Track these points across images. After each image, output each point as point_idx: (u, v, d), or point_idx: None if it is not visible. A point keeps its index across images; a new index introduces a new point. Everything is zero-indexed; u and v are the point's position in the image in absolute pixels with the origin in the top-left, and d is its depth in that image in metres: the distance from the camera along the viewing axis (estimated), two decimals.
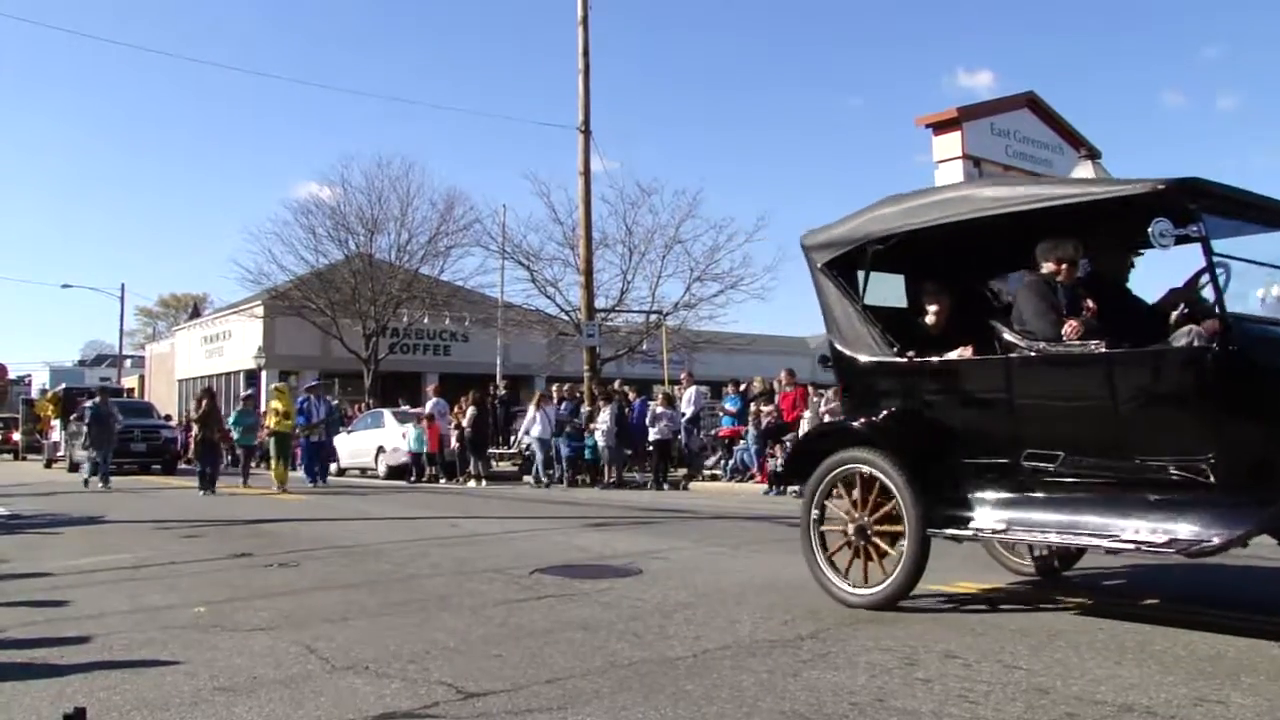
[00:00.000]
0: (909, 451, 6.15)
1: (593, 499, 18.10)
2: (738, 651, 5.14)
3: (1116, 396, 5.49)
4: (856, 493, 6.33)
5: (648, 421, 21.44)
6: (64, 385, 42.91)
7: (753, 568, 8.26)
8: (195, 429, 20.45)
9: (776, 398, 20.63)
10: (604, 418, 21.85)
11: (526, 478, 24.75)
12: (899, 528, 6.05)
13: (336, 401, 28.44)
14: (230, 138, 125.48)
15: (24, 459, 46.06)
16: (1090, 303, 5.94)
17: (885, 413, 6.47)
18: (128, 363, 70.11)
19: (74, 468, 30.43)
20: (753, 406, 20.90)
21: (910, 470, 6.03)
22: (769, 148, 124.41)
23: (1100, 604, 6.36)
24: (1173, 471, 5.21)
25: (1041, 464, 5.70)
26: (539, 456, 22.75)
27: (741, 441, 21.12)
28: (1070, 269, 6.04)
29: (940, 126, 22.99)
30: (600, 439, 21.95)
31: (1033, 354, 5.84)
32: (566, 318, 32.58)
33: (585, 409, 24.08)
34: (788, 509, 14.72)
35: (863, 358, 6.72)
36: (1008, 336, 6.02)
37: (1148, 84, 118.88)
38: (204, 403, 20.93)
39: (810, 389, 21.01)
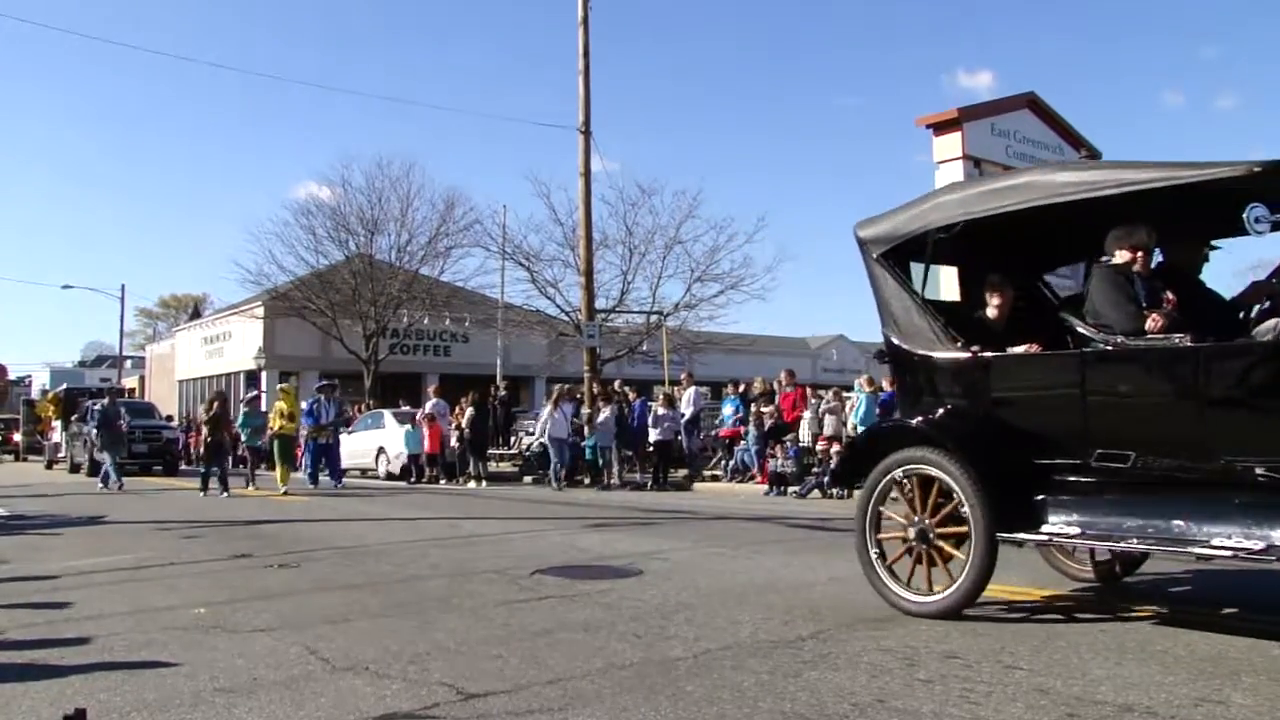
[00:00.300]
0: (974, 451, 5.82)
1: (593, 500, 18.10)
2: (738, 652, 5.14)
3: (1202, 393, 5.20)
4: (917, 495, 6.05)
5: (649, 422, 21.44)
6: (65, 386, 42.93)
7: (753, 568, 8.26)
8: (205, 430, 20.02)
9: (777, 398, 20.64)
10: (604, 418, 21.85)
11: (527, 478, 24.76)
12: (963, 530, 5.76)
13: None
14: (231, 138, 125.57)
15: (25, 460, 46.03)
16: (1170, 294, 5.73)
17: (948, 410, 6.20)
18: (128, 363, 70.15)
19: (75, 468, 30.46)
20: (753, 407, 20.92)
21: (976, 470, 5.71)
22: (768, 148, 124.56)
23: (1099, 605, 6.36)
24: (1261, 473, 4.97)
25: (1115, 464, 5.44)
26: (555, 458, 21.99)
27: (742, 442, 21.13)
28: (1145, 257, 5.79)
29: (940, 127, 23.00)
30: (581, 440, 21.99)
31: (1110, 348, 5.57)
32: (567, 318, 32.56)
33: (585, 410, 24.08)
34: (788, 510, 14.75)
35: (922, 352, 6.43)
36: (1081, 329, 5.76)
37: (1147, 84, 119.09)
38: (215, 405, 20.51)
39: (810, 389, 21.03)
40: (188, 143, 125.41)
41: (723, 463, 21.94)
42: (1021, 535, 5.69)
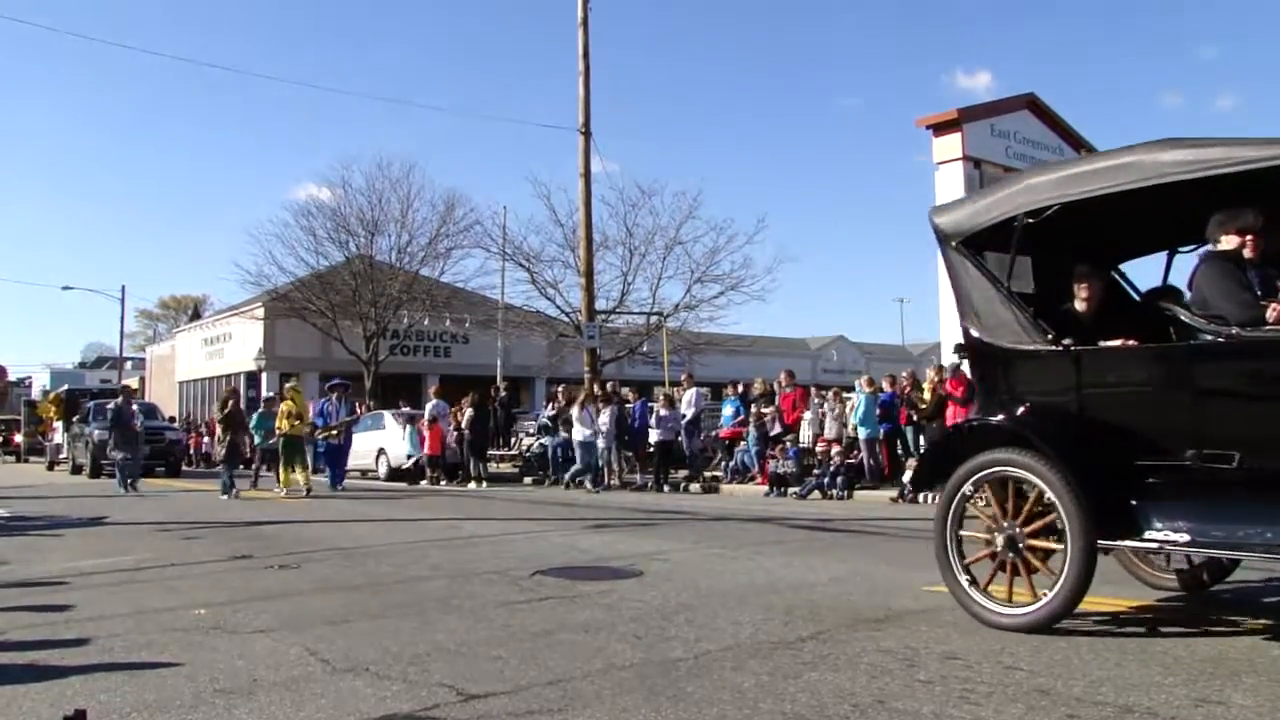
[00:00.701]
0: (1067, 451, 5.42)
1: (593, 501, 18.11)
2: (739, 653, 5.14)
3: None
4: (1004, 499, 5.66)
5: (651, 423, 21.44)
6: (66, 387, 42.92)
7: (754, 569, 8.25)
8: (219, 431, 19.75)
9: (777, 399, 20.65)
10: (604, 419, 21.85)
11: (527, 479, 24.76)
12: (1057, 537, 5.39)
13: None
14: (232, 139, 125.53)
15: (26, 461, 46.04)
16: None
17: (1036, 408, 5.81)
18: (128, 364, 70.13)
19: (77, 469, 30.37)
20: (753, 408, 20.92)
21: (1070, 472, 5.31)
22: (768, 149, 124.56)
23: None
24: None
25: (1222, 465, 5.05)
26: (582, 459, 21.60)
27: (742, 443, 21.12)
28: (1255, 242, 5.40)
29: (940, 128, 23.05)
30: (600, 440, 21.93)
31: (1223, 340, 5.21)
32: (567, 319, 32.58)
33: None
34: (788, 510, 14.75)
35: (1007, 346, 6.01)
36: (1188, 320, 5.45)
37: (1146, 84, 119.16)
38: (230, 404, 20.24)
39: (813, 390, 21.04)
40: (187, 144, 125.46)
41: (723, 464, 21.92)
42: (1124, 542, 5.41)
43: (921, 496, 15.96)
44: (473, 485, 22.87)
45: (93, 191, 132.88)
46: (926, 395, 17.99)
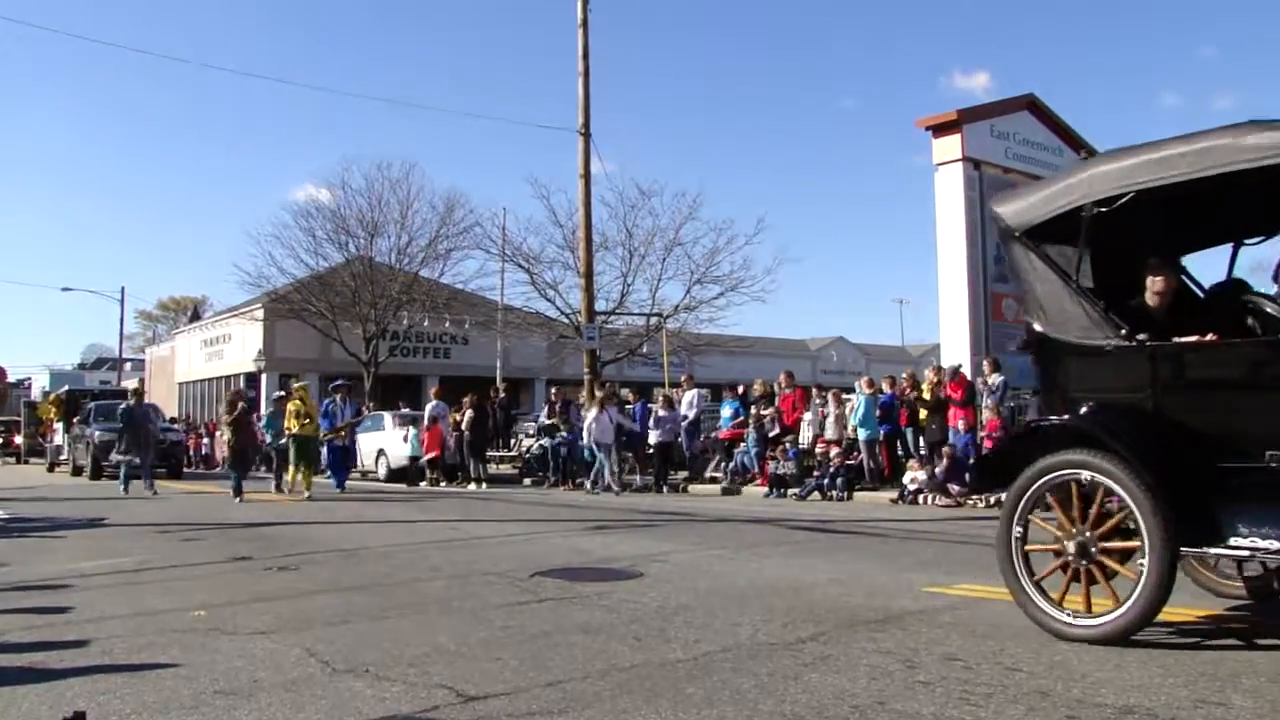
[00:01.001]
0: (1144, 452, 5.14)
1: (592, 502, 18.10)
2: (738, 654, 5.14)
3: None
4: (1075, 504, 5.36)
5: (650, 424, 21.42)
6: (67, 388, 42.83)
7: (753, 571, 8.26)
8: (228, 433, 19.32)
9: (777, 400, 20.65)
10: (588, 421, 21.83)
11: (526, 480, 24.76)
12: (1133, 544, 5.12)
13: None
14: (231, 140, 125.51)
15: (27, 462, 45.98)
16: None
17: (1109, 408, 5.50)
18: (127, 366, 70.12)
19: (77, 471, 30.16)
20: (753, 409, 20.92)
21: (1148, 475, 5.04)
22: (768, 150, 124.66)
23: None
24: None
25: None
26: (603, 463, 21.25)
27: (742, 444, 21.12)
28: None
29: (940, 129, 23.06)
30: (586, 439, 21.95)
31: None
32: (566, 320, 32.61)
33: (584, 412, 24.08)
34: (787, 512, 14.75)
35: (1076, 342, 5.73)
36: (1275, 313, 5.29)
37: (1145, 84, 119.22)
38: (238, 406, 19.72)
39: (814, 391, 21.03)
40: (187, 144, 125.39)
41: (722, 465, 21.92)
42: (1215, 551, 5.16)
43: (921, 498, 15.98)
44: (472, 486, 22.86)
45: (92, 192, 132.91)
46: (926, 397, 17.98)
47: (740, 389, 22.26)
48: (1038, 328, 5.98)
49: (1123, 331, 5.48)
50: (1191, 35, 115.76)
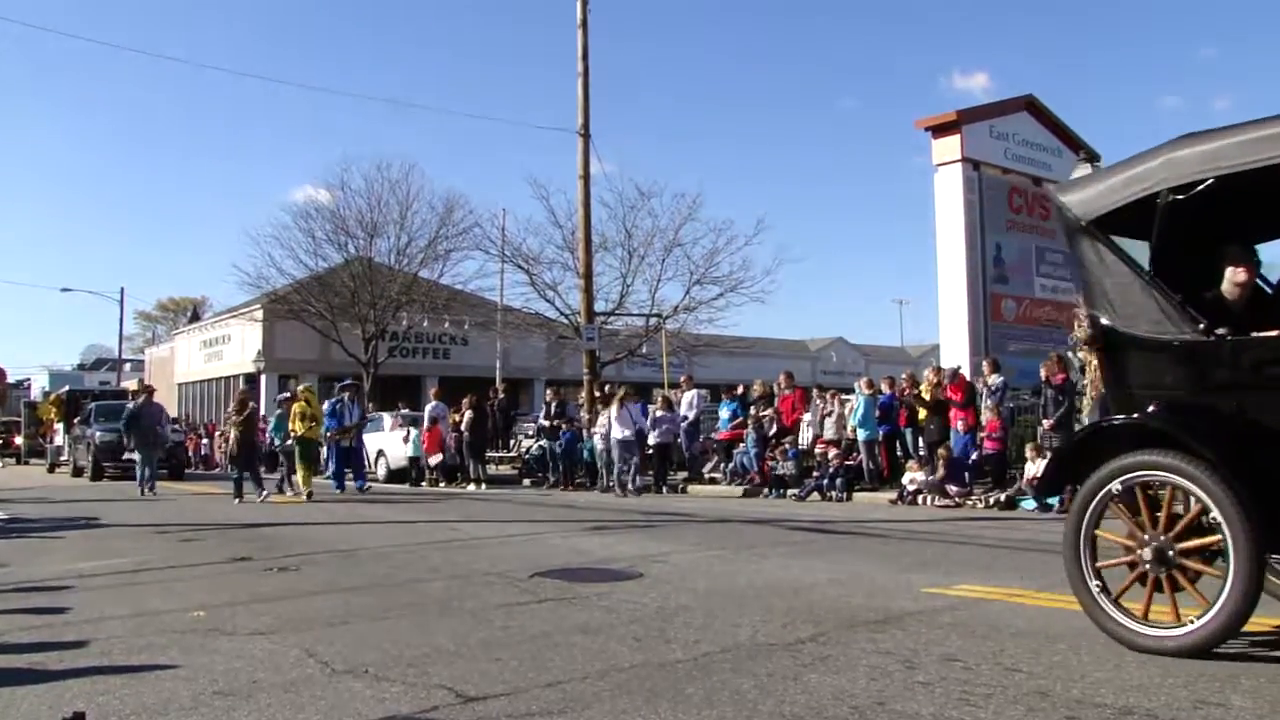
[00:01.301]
0: (1225, 452, 4.84)
1: (591, 502, 18.10)
2: (738, 655, 5.14)
3: None
4: (1145, 508, 5.10)
5: (648, 425, 21.42)
6: (67, 388, 42.73)
7: (752, 571, 8.25)
8: (235, 433, 18.94)
9: (776, 401, 20.64)
10: (603, 421, 21.84)
11: (526, 481, 24.76)
12: (1214, 548, 4.86)
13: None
14: (230, 141, 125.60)
15: (27, 463, 45.96)
16: None
17: (1184, 405, 5.23)
18: (127, 366, 70.15)
19: (78, 472, 30.03)
20: (752, 410, 20.91)
21: (1231, 477, 4.74)
22: (767, 150, 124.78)
23: None
24: None
25: None
26: (620, 462, 21.04)
27: (741, 445, 21.11)
28: None
29: (939, 129, 23.12)
30: (599, 442, 21.92)
31: None
32: (566, 321, 32.61)
33: (584, 413, 24.09)
34: (787, 513, 14.75)
35: (1147, 335, 5.41)
36: None
37: (1145, 86, 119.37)
38: (248, 405, 19.46)
39: (815, 391, 21.03)
40: (187, 145, 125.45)
41: (721, 466, 21.91)
42: None
43: (921, 499, 15.97)
44: (471, 487, 22.85)
45: (92, 193, 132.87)
46: (925, 397, 17.97)
47: (740, 389, 22.26)
48: (1104, 320, 5.64)
49: (1200, 325, 5.15)
50: (1191, 36, 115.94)
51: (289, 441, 20.21)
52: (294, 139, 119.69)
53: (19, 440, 49.72)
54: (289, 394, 22.23)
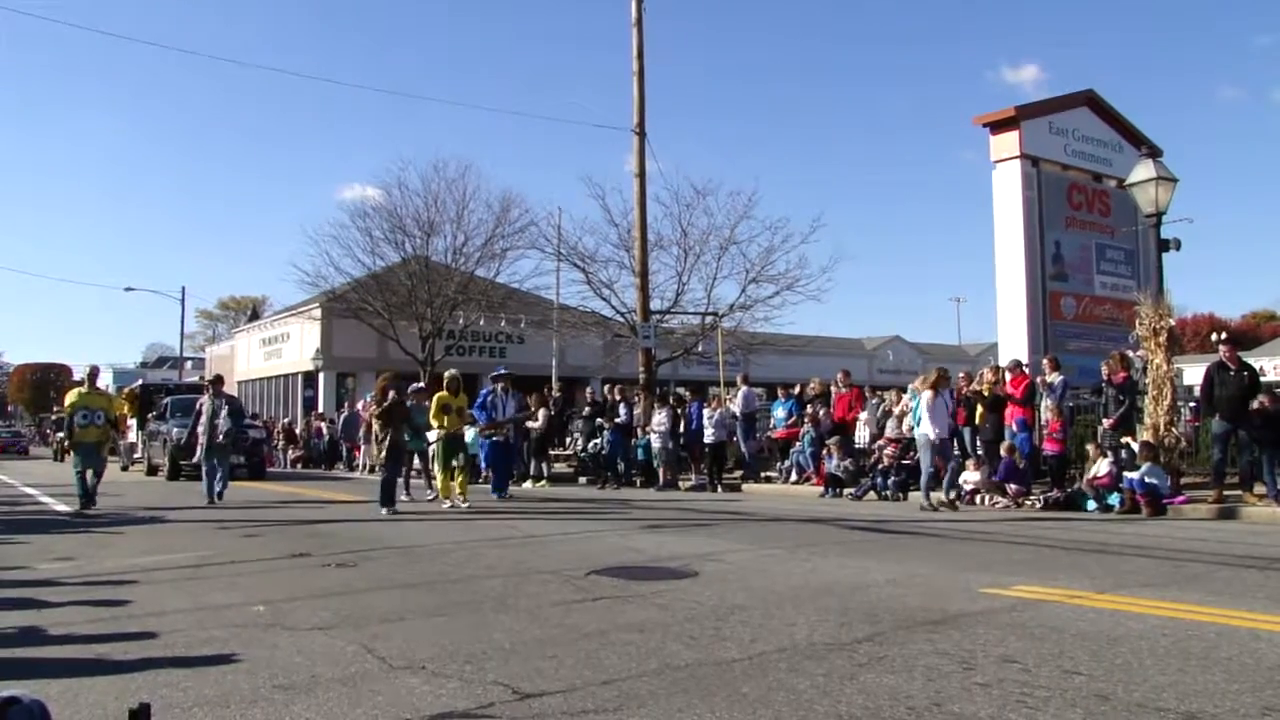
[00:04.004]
0: None
1: (648, 501, 18.09)
2: (793, 654, 5.12)
3: None
4: None
5: (706, 423, 21.38)
6: (140, 382, 42.36)
7: (809, 571, 8.22)
8: (377, 427, 16.45)
9: (832, 399, 20.53)
10: (659, 419, 21.84)
11: (581, 479, 24.78)
12: None
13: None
14: (292, 142, 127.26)
15: None
16: None
17: None
18: (188, 364, 71.23)
19: (153, 470, 28.39)
20: (809, 409, 20.80)
21: None
22: (819, 148, 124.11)
23: (1161, 608, 6.25)
24: None
25: None
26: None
27: (797, 444, 21.02)
28: None
29: (998, 125, 22.83)
30: (655, 441, 21.92)
31: None
32: (622, 319, 32.62)
33: (638, 411, 24.08)
34: (843, 512, 14.64)
35: None
36: None
37: (1200, 76, 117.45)
38: (390, 395, 15.76)
39: (869, 390, 20.89)
40: (251, 146, 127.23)
41: (777, 464, 21.83)
42: None
43: (978, 499, 15.78)
44: (529, 485, 22.77)
45: (154, 194, 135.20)
46: (985, 393, 17.73)
47: (797, 388, 22.16)
48: None
49: None
50: (1246, 23, 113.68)
51: (422, 442, 17.97)
52: (355, 139, 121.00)
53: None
54: (420, 385, 20.05)
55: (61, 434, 44.71)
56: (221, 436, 17.28)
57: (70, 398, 16.14)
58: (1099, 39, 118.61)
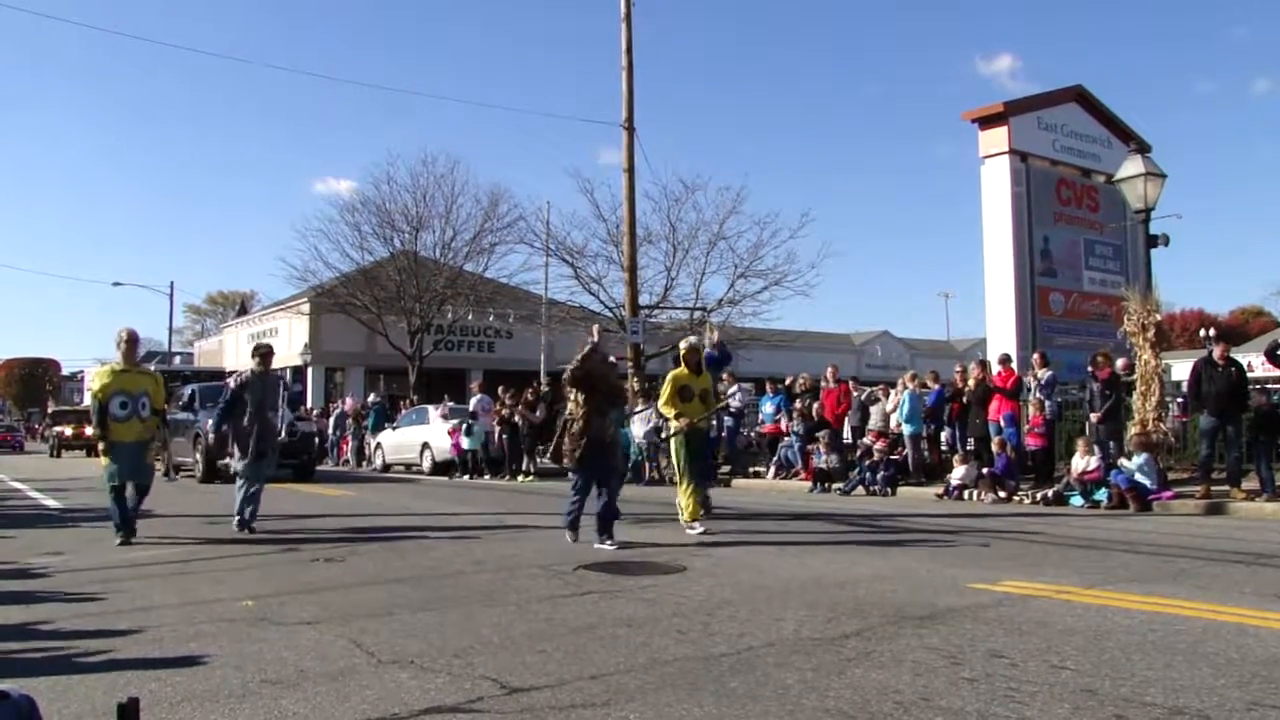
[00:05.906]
0: None
1: (634, 496, 18.07)
2: (781, 649, 5.13)
3: None
4: None
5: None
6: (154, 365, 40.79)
7: (797, 566, 8.23)
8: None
9: (821, 394, 20.55)
10: (643, 414, 21.80)
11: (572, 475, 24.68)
12: None
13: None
14: (279, 136, 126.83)
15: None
16: None
17: None
18: (176, 359, 71.01)
19: (173, 470, 23.33)
20: (797, 404, 20.81)
21: None
22: (812, 144, 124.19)
23: (1149, 604, 6.27)
24: None
25: None
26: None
27: (785, 439, 21.03)
28: None
29: (986, 121, 22.88)
30: (639, 436, 21.88)
31: None
32: (611, 314, 32.59)
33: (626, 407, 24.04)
34: (831, 507, 14.67)
35: None
36: None
37: (1175, 67, 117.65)
38: (593, 350, 10.31)
39: (853, 384, 20.91)
40: (237, 140, 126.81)
41: (764, 459, 21.84)
42: None
43: (966, 494, 15.83)
44: (520, 479, 22.75)
45: (142, 188, 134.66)
46: (972, 387, 17.76)
47: (786, 381, 22.16)
48: None
49: None
50: (1219, 14, 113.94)
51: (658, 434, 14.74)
52: (343, 134, 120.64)
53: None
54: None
55: (59, 428, 43.57)
56: (283, 432, 12.81)
57: (101, 378, 10.66)
58: (1069, 32, 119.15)
